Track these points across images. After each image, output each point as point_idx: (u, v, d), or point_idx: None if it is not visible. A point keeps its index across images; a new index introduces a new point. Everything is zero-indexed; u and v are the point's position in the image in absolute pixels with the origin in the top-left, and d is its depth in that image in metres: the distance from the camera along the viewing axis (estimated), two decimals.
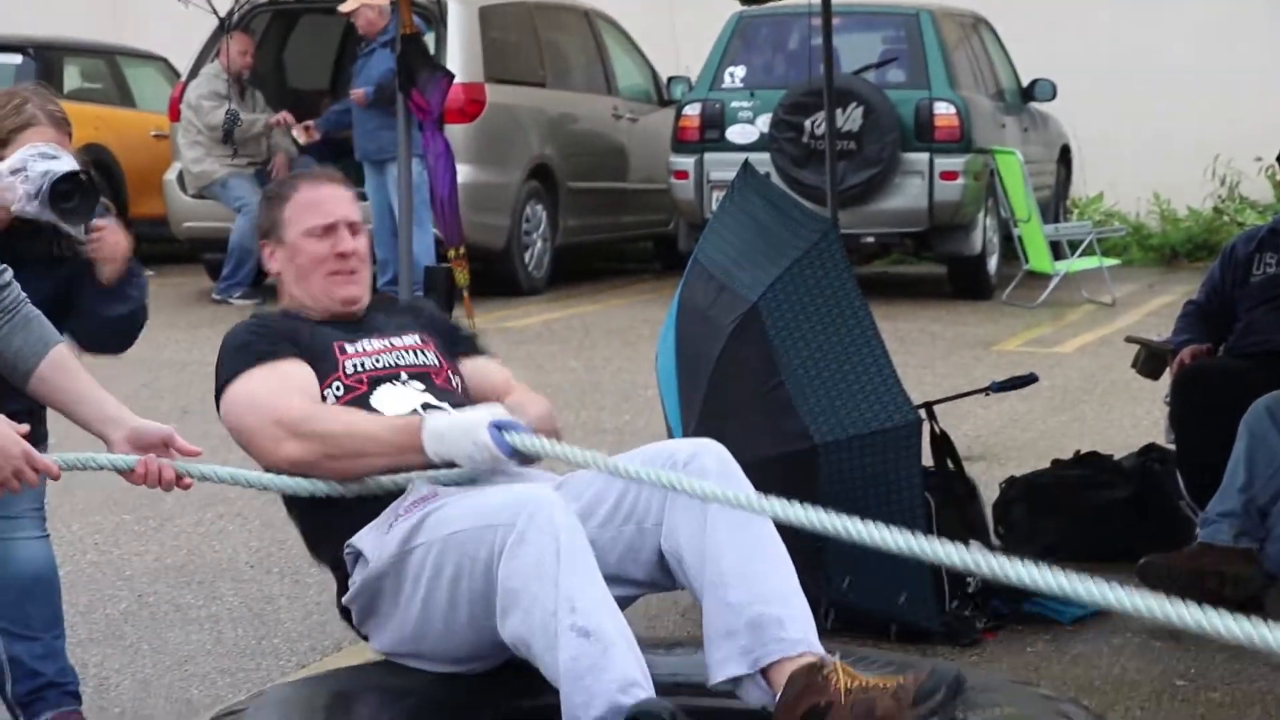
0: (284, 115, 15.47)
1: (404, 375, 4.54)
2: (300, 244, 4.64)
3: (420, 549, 4.13)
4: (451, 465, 4.25)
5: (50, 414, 4.76)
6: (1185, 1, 16.73)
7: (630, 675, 3.85)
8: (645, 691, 3.85)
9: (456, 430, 4.19)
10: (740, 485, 4.14)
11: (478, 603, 4.03)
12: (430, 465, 4.27)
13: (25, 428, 4.07)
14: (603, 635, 3.87)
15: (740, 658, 3.99)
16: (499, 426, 4.14)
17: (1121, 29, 17.97)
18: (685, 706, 3.88)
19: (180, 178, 15.67)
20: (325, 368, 4.50)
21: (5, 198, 5.05)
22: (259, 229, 4.85)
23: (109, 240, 5.21)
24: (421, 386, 4.50)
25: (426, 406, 4.42)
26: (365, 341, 4.61)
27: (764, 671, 3.98)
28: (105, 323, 5.39)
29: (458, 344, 4.87)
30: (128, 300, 5.35)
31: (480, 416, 4.21)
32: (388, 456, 4.29)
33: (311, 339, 4.59)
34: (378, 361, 4.56)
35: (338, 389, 4.48)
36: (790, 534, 4.08)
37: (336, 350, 4.55)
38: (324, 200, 4.69)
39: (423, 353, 4.65)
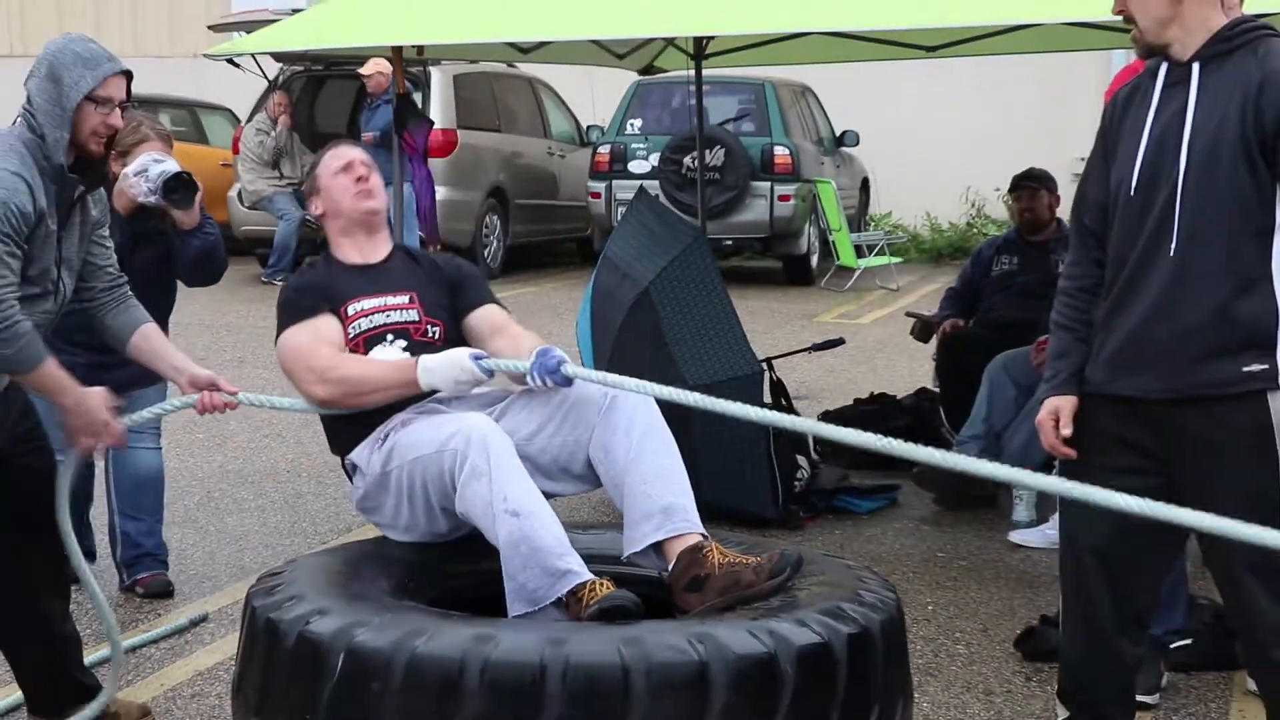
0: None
1: (389, 335, 4.30)
2: (330, 182, 4.42)
3: (395, 470, 4.04)
4: (436, 392, 4.11)
5: None
6: (951, 80, 16.74)
7: (556, 544, 3.78)
8: (572, 556, 3.78)
9: (444, 364, 4.05)
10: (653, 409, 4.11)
11: (442, 504, 3.97)
12: (423, 395, 4.12)
13: (115, 402, 4.11)
14: (530, 515, 3.78)
15: (654, 532, 3.90)
16: (477, 357, 4.03)
17: (905, 97, 17.99)
18: (598, 571, 3.83)
19: (239, 194, 15.50)
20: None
21: (131, 192, 5.20)
22: (305, 193, 4.60)
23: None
24: (403, 344, 4.28)
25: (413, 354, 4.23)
26: (365, 300, 4.33)
27: (666, 545, 3.91)
28: (193, 257, 5.45)
29: (468, 293, 4.51)
30: (206, 236, 5.43)
31: (462, 351, 4.08)
32: (393, 391, 4.13)
33: (336, 291, 4.34)
34: (371, 322, 4.30)
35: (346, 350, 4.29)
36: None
37: (343, 314, 4.30)
38: (341, 151, 4.50)
39: (407, 311, 4.37)
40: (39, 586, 4.24)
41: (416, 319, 4.35)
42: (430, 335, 4.35)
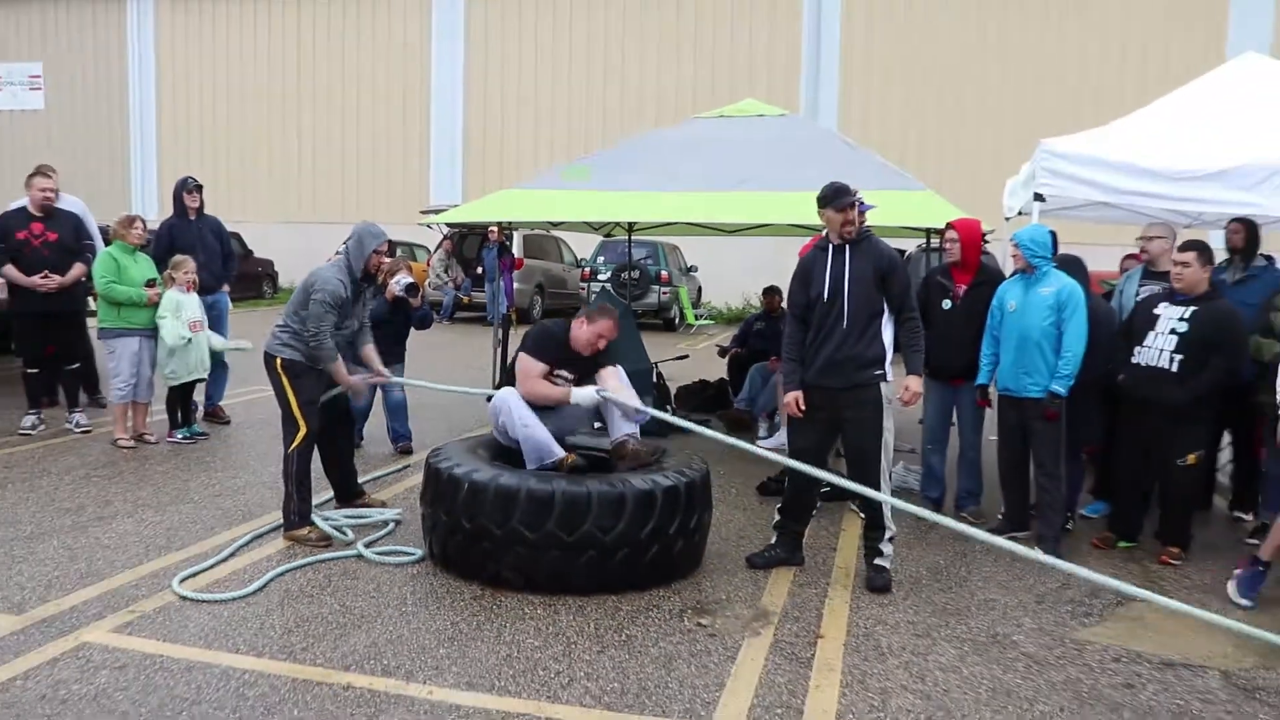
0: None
1: (566, 379, 3.83)
2: (593, 340, 3.79)
3: (501, 417, 3.77)
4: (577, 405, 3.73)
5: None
6: (739, 246, 16.41)
7: (546, 440, 3.65)
8: (554, 444, 3.64)
9: (583, 395, 3.69)
10: (626, 380, 3.84)
11: (500, 429, 3.78)
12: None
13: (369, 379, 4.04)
14: (534, 426, 3.65)
15: (620, 430, 3.75)
16: (600, 393, 3.69)
17: (719, 252, 17.64)
18: (581, 452, 3.74)
19: (429, 284, 15.17)
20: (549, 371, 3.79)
21: (393, 290, 5.23)
22: (581, 314, 3.82)
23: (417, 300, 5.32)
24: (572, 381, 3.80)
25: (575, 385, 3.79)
26: (564, 370, 3.83)
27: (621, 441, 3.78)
28: (419, 320, 5.43)
29: (603, 360, 3.87)
30: (425, 311, 5.42)
31: (592, 389, 3.70)
32: (554, 401, 3.72)
33: (558, 357, 3.81)
34: (559, 378, 3.83)
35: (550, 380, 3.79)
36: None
37: (552, 364, 3.79)
38: (602, 333, 3.79)
39: (573, 377, 3.81)
40: (343, 445, 4.23)
41: (573, 379, 3.85)
42: (581, 381, 3.87)
